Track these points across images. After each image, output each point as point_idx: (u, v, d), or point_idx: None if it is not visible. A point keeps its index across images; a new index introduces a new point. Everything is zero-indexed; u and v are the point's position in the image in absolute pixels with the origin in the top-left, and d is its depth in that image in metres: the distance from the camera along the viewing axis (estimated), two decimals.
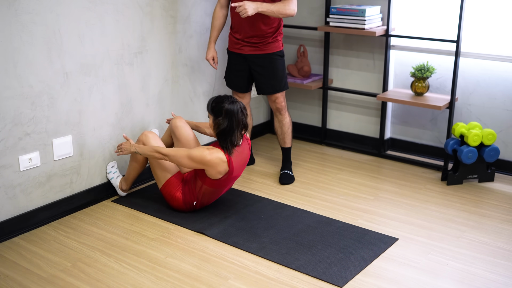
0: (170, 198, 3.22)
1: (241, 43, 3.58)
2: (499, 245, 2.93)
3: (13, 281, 2.63)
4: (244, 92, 3.75)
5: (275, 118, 3.78)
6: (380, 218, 3.23)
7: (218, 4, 3.62)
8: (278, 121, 3.77)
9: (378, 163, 4.09)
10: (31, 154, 3.05)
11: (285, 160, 3.84)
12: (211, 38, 3.66)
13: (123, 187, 3.43)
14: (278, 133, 3.81)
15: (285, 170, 3.78)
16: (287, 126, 3.77)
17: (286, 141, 3.81)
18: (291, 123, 3.79)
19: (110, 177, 3.45)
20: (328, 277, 2.62)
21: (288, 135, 3.79)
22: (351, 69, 4.26)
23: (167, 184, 3.21)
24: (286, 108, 3.74)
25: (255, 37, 3.53)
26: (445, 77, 3.92)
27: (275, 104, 3.69)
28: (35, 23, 2.94)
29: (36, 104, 3.02)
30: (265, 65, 3.59)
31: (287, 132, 3.78)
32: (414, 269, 2.71)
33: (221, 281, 2.62)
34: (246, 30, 3.52)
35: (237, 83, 3.72)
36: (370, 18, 3.88)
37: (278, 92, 3.64)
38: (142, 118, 3.65)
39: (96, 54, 3.27)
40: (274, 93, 3.64)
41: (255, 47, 3.56)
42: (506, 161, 3.82)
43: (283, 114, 3.73)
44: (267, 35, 3.53)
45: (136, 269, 2.72)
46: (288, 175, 3.74)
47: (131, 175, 3.38)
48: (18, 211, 3.05)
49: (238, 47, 3.60)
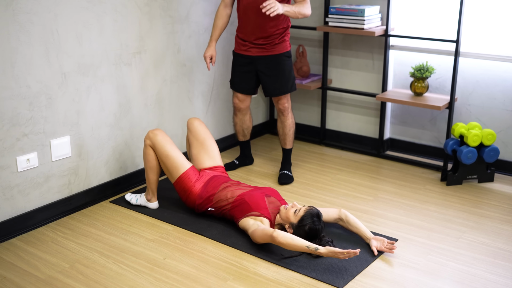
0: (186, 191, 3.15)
1: (248, 45, 3.56)
2: (499, 246, 2.92)
3: (11, 283, 2.62)
4: (248, 95, 3.73)
5: (278, 119, 3.77)
6: (379, 218, 3.23)
7: (222, 3, 3.60)
8: (280, 122, 3.76)
9: (377, 163, 4.08)
10: (29, 155, 3.04)
11: (284, 161, 3.84)
12: (213, 37, 3.63)
13: (148, 197, 3.33)
14: (280, 134, 3.80)
15: (284, 170, 3.77)
16: (288, 128, 3.75)
17: (286, 142, 3.80)
18: (293, 125, 3.78)
19: (134, 202, 3.37)
20: (328, 278, 2.61)
21: (289, 136, 3.78)
22: (350, 69, 4.25)
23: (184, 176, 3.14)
24: (290, 110, 3.72)
25: (262, 38, 3.50)
26: (444, 77, 3.92)
27: (278, 105, 3.69)
28: (33, 23, 2.93)
29: (34, 104, 3.01)
30: (272, 66, 3.57)
31: (288, 133, 3.77)
32: (414, 270, 2.70)
33: (220, 282, 2.61)
34: (254, 31, 3.49)
35: (243, 86, 3.69)
36: (369, 18, 3.87)
37: (282, 94, 3.62)
38: (140, 119, 3.64)
39: (94, 54, 3.26)
40: (280, 95, 3.62)
41: (262, 49, 3.54)
42: (505, 161, 3.81)
43: (286, 115, 3.72)
44: (275, 36, 3.51)
45: (135, 270, 2.71)
46: (287, 175, 3.73)
47: (149, 178, 3.26)
48: (15, 212, 3.04)
49: (245, 49, 3.58)
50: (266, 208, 2.93)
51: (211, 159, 3.31)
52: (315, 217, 2.81)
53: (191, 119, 3.39)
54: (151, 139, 3.18)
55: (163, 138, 3.17)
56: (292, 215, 2.85)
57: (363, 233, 2.90)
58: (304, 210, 2.84)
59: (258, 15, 3.40)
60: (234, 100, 3.76)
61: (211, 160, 3.31)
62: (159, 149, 3.16)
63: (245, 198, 2.99)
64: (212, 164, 3.30)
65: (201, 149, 3.32)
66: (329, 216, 2.98)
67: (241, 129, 3.85)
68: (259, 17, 3.39)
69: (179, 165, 3.15)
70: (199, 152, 3.32)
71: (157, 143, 3.16)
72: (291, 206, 2.89)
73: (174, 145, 3.19)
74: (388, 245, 2.81)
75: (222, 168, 3.33)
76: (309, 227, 2.80)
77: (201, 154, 3.31)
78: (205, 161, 3.29)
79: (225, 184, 3.13)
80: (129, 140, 3.59)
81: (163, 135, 3.18)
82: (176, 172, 3.15)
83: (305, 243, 2.67)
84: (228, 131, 4.32)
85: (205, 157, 3.30)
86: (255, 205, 2.94)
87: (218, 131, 4.27)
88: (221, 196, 3.08)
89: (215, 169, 3.29)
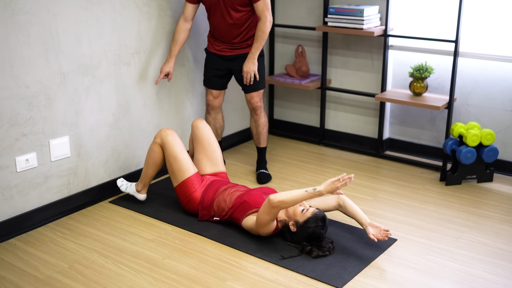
0: (187, 197, 3.16)
1: (221, 45, 3.58)
2: (498, 246, 2.92)
3: (10, 283, 2.62)
4: (220, 90, 3.74)
5: (251, 117, 3.80)
6: (378, 218, 3.22)
7: (182, 17, 3.55)
8: (253, 121, 3.79)
9: (376, 163, 4.08)
10: (28, 155, 3.03)
11: (260, 160, 3.87)
12: (172, 52, 3.56)
13: (138, 188, 3.35)
14: (253, 133, 3.83)
15: (261, 169, 3.81)
16: (262, 126, 3.78)
17: (260, 141, 3.83)
18: (267, 124, 3.81)
19: (124, 189, 3.39)
20: (327, 278, 2.61)
21: (263, 135, 3.81)
22: (350, 69, 4.25)
23: (187, 182, 3.16)
24: (263, 108, 3.75)
25: (234, 41, 3.54)
26: (443, 77, 3.92)
27: (251, 104, 3.71)
28: (32, 23, 2.93)
29: (33, 104, 3.01)
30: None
31: (262, 132, 3.80)
32: (413, 270, 2.70)
33: (219, 282, 2.61)
34: (226, 37, 3.52)
35: (214, 80, 3.70)
36: (369, 18, 3.87)
37: (256, 91, 3.65)
38: (139, 119, 3.63)
39: (93, 54, 3.26)
40: (251, 92, 3.65)
41: (236, 49, 3.56)
42: (505, 161, 3.81)
43: (259, 114, 3.74)
44: (248, 38, 3.54)
45: (134, 271, 2.71)
46: (265, 174, 3.77)
47: (147, 173, 3.28)
48: (14, 212, 3.04)
49: (219, 49, 3.59)
50: None
51: (214, 165, 3.32)
52: (320, 221, 2.81)
53: (196, 121, 3.38)
54: (163, 138, 3.18)
55: (175, 139, 3.18)
56: (299, 213, 2.84)
57: (360, 219, 2.90)
58: (311, 211, 2.83)
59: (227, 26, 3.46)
60: (208, 98, 3.77)
61: (214, 166, 3.32)
62: (169, 150, 3.16)
63: (244, 197, 2.99)
64: (214, 170, 3.31)
65: (204, 154, 3.32)
66: (328, 204, 2.99)
67: (215, 128, 3.84)
68: (230, 27, 3.46)
69: (186, 169, 3.15)
70: (202, 157, 3.32)
71: (168, 143, 3.16)
72: (299, 204, 2.88)
73: (184, 148, 3.19)
74: (384, 232, 2.81)
75: (224, 174, 3.34)
76: (312, 229, 2.79)
77: (204, 159, 3.32)
78: (208, 167, 3.31)
79: (223, 187, 3.14)
80: (128, 140, 3.59)
81: (174, 136, 3.19)
82: (181, 175, 3.15)
83: (302, 190, 2.68)
84: (226, 131, 4.32)
85: (208, 163, 3.31)
86: (254, 202, 2.94)
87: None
88: (220, 200, 3.08)
89: (217, 175, 3.30)
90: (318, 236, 2.81)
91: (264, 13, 3.40)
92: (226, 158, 4.15)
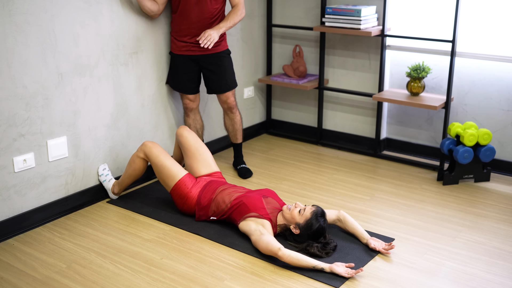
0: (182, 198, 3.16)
1: (189, 45, 3.56)
2: (495, 245, 2.93)
3: (8, 283, 2.61)
4: (194, 94, 3.73)
5: (226, 116, 3.84)
6: (376, 218, 3.23)
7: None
8: (229, 119, 3.83)
9: (374, 163, 4.09)
10: (26, 155, 3.03)
11: (237, 155, 3.95)
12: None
13: (115, 191, 3.41)
14: (230, 131, 3.89)
15: (242, 164, 3.89)
16: (238, 124, 3.85)
17: (238, 137, 3.90)
18: (241, 120, 3.88)
19: (102, 179, 3.43)
20: (325, 278, 2.61)
21: (239, 131, 3.89)
22: (347, 69, 4.26)
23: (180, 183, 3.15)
24: (237, 106, 3.80)
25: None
26: (440, 77, 3.92)
27: (227, 104, 3.74)
28: (29, 24, 2.93)
29: (30, 105, 3.01)
30: (217, 64, 3.62)
31: (239, 129, 3.87)
32: (410, 269, 2.71)
33: (217, 282, 2.61)
34: (196, 33, 3.51)
35: (188, 85, 3.68)
36: (366, 18, 3.88)
37: (231, 90, 3.69)
38: (137, 119, 3.64)
39: (91, 54, 3.26)
40: (227, 91, 3.67)
41: (204, 48, 3.54)
42: (501, 161, 3.82)
43: (234, 112, 3.80)
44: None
45: (132, 271, 2.71)
46: (246, 168, 3.86)
47: (125, 181, 3.36)
48: (12, 212, 3.04)
49: (186, 49, 3.57)
50: (264, 208, 2.93)
51: (207, 167, 3.32)
52: (321, 217, 2.82)
53: (179, 129, 3.39)
54: (146, 152, 3.24)
55: (158, 150, 3.23)
56: (297, 215, 2.85)
57: (360, 234, 2.91)
58: (310, 210, 2.84)
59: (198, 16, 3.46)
60: (185, 102, 3.75)
61: (207, 168, 3.32)
62: (154, 160, 3.20)
63: (243, 199, 2.99)
64: (208, 171, 3.31)
65: (194, 159, 3.33)
66: (328, 217, 2.99)
67: (196, 129, 3.83)
68: (202, 22, 3.46)
69: (174, 173, 3.17)
70: (193, 162, 3.33)
71: (152, 155, 3.21)
72: (294, 206, 2.88)
73: (168, 156, 3.24)
74: (386, 246, 2.82)
75: (219, 174, 3.34)
76: (317, 227, 2.80)
77: (195, 163, 3.32)
78: (201, 170, 3.31)
79: (221, 187, 3.14)
80: (126, 141, 3.59)
81: (157, 147, 3.24)
82: (171, 181, 3.17)
83: (312, 262, 2.65)
84: (225, 131, 4.32)
85: (200, 166, 3.32)
86: (253, 206, 2.94)
87: (215, 131, 4.27)
88: (219, 200, 3.08)
89: (212, 175, 3.30)
90: (323, 231, 2.83)
91: (241, 3, 3.53)
92: (223, 158, 4.15)
